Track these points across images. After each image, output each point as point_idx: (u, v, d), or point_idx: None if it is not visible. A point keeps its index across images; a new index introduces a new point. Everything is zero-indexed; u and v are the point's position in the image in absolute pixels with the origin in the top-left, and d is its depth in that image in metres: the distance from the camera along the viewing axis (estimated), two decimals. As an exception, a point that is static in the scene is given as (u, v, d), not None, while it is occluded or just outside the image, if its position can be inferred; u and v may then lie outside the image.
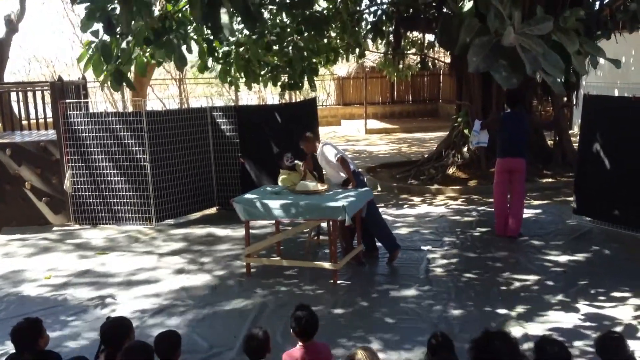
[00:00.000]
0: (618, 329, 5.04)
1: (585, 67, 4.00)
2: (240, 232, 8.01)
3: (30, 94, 11.46)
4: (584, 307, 5.58)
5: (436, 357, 3.34)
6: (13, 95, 11.96)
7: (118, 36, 6.40)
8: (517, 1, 3.11)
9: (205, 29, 7.62)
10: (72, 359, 3.60)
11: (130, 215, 9.01)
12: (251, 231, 7.05)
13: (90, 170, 8.99)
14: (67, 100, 9.13)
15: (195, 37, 8.57)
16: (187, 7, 6.87)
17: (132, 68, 7.73)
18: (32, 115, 11.59)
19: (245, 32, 9.65)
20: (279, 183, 7.11)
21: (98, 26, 6.32)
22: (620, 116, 7.49)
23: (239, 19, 6.78)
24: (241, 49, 9.53)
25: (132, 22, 5.72)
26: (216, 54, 9.51)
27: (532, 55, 2.98)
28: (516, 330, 5.08)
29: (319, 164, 7.27)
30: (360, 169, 7.94)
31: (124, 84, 6.97)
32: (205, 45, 8.87)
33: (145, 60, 7.79)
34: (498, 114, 9.21)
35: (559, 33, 3.54)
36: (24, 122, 11.70)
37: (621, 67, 5.93)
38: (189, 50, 7.96)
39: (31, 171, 9.12)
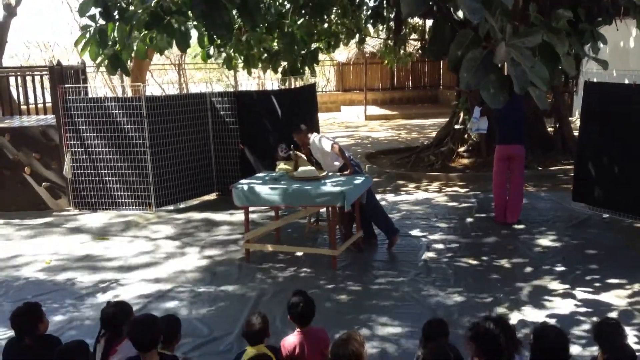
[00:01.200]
0: (613, 314, 5.07)
1: (574, 68, 4.00)
2: (239, 218, 8.03)
3: (29, 79, 11.42)
4: (581, 293, 5.61)
5: (431, 342, 3.36)
6: (12, 79, 11.92)
7: (116, 22, 6.38)
8: (508, 13, 3.08)
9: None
10: (71, 342, 3.62)
11: (129, 200, 9.01)
12: (250, 217, 7.06)
13: (90, 156, 8.98)
14: (67, 85, 9.10)
15: (195, 23, 8.52)
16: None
17: (133, 53, 7.70)
18: (31, 100, 11.56)
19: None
20: (276, 171, 7.14)
21: (96, 11, 6.31)
22: (621, 103, 7.47)
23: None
24: (243, 38, 9.47)
25: (131, 7, 5.69)
26: (216, 42, 9.44)
27: (521, 70, 2.97)
28: (513, 316, 5.12)
29: (314, 156, 7.26)
30: (357, 157, 7.92)
31: (119, 68, 6.97)
32: (205, 33, 8.81)
33: (146, 47, 7.76)
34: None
35: (550, 34, 3.53)
36: (23, 107, 11.66)
37: (621, 54, 5.92)
38: (189, 37, 7.92)
39: (30, 156, 9.12)
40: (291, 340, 3.80)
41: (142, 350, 3.30)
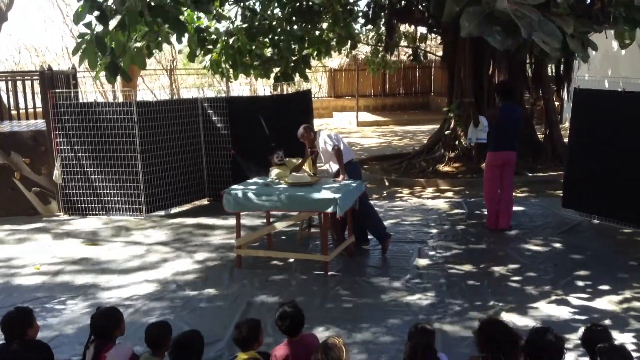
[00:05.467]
0: (606, 321, 5.08)
1: (581, 49, 3.95)
2: (231, 223, 8.00)
3: (19, 83, 11.36)
4: (572, 299, 5.62)
5: (416, 347, 3.35)
6: (2, 84, 11.85)
7: (111, 28, 6.34)
8: None
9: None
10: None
11: (120, 206, 8.97)
12: (242, 222, 7.04)
13: (80, 161, 8.94)
14: (57, 90, 9.06)
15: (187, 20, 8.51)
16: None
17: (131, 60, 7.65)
18: (22, 104, 11.49)
19: (237, 22, 9.57)
20: (271, 176, 7.11)
21: (91, 17, 6.28)
22: (611, 110, 7.52)
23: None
24: (231, 40, 9.48)
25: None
26: (206, 44, 9.45)
27: (527, 21, 2.94)
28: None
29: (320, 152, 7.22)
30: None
31: (119, 75, 6.93)
32: (195, 33, 8.81)
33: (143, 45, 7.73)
34: (497, 106, 9.13)
35: (554, 17, 3.52)
36: (13, 112, 11.59)
37: (611, 60, 5.96)
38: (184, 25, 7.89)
39: (20, 161, 9.06)
40: (282, 350, 3.76)
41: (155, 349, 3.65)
